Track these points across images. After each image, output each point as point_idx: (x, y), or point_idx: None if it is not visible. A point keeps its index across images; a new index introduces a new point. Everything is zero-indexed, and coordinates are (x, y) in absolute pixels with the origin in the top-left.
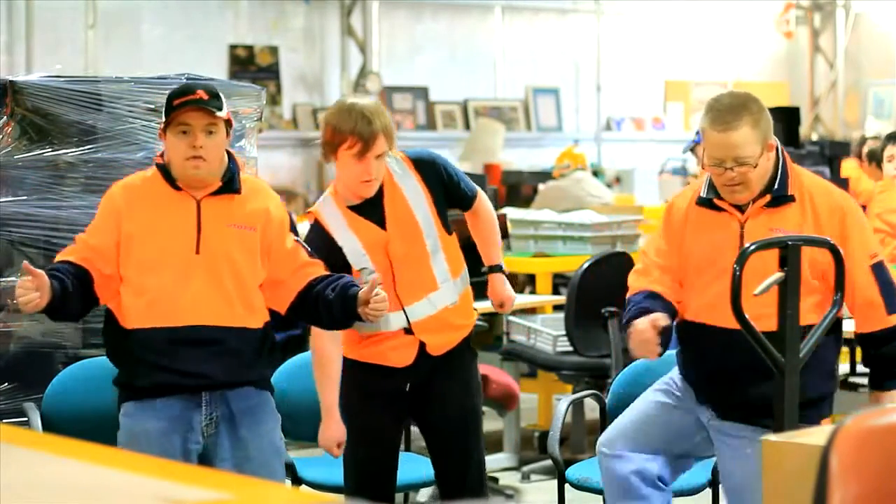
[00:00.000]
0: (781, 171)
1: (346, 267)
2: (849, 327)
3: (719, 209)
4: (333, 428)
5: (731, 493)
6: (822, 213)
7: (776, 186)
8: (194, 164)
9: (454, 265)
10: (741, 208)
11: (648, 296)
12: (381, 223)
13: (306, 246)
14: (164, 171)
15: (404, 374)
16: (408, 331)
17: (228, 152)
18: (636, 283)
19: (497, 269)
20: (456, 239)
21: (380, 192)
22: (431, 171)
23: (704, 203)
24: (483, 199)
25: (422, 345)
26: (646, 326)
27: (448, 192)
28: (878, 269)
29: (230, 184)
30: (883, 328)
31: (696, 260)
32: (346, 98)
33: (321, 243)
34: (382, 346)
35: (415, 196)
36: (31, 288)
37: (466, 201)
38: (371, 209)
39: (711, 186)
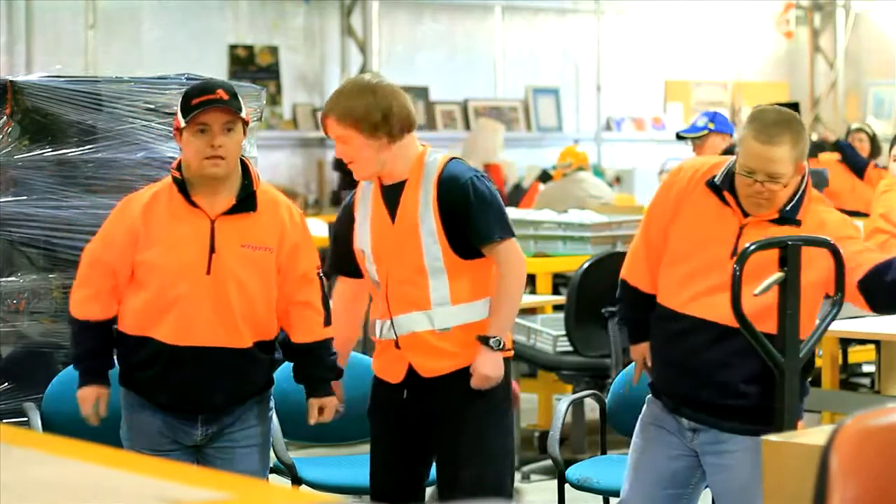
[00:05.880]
0: (800, 194)
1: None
2: (850, 327)
3: (725, 202)
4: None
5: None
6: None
7: (788, 207)
8: (213, 162)
9: (460, 292)
10: (746, 212)
11: (643, 303)
12: (392, 214)
13: (319, 273)
14: (180, 185)
15: (399, 388)
16: (397, 345)
17: (245, 163)
18: (632, 272)
19: (484, 340)
20: (480, 266)
21: (404, 183)
22: (452, 191)
23: (713, 188)
24: (506, 251)
25: (411, 364)
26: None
27: (459, 221)
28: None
29: (246, 202)
30: None
31: (684, 242)
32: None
33: (343, 215)
34: (382, 359)
35: (424, 207)
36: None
37: (476, 239)
38: (393, 196)
39: (727, 177)
